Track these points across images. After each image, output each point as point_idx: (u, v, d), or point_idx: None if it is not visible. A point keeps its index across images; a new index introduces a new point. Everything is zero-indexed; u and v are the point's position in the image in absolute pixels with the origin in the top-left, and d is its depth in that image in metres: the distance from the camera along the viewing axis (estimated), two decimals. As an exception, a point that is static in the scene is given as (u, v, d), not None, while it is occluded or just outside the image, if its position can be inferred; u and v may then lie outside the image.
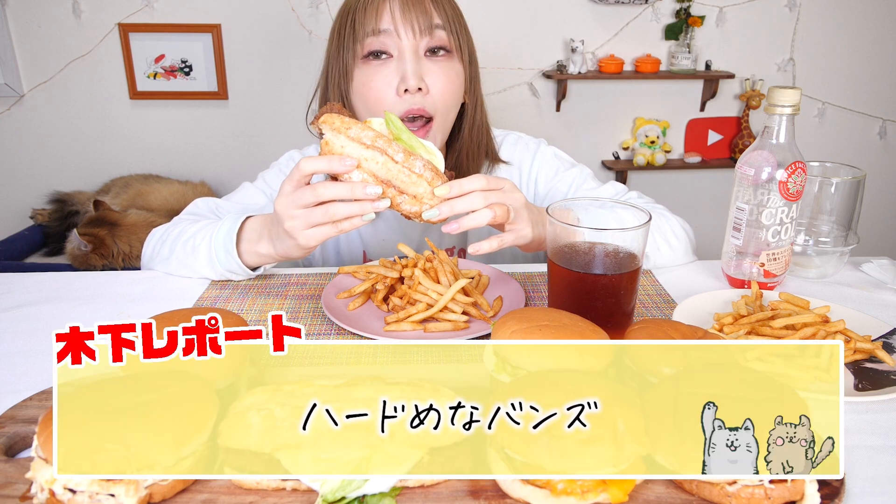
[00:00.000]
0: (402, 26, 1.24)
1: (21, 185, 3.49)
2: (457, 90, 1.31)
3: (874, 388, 0.87)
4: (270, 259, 1.16)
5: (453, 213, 0.99)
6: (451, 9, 1.29)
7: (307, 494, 0.68)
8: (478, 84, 1.40)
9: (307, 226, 1.00)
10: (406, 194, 0.97)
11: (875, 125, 3.83)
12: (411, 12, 1.24)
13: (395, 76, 1.25)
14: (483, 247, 1.03)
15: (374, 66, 1.27)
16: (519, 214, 1.07)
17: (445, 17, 1.27)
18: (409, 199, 0.98)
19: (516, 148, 1.51)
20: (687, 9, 3.48)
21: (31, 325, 1.08)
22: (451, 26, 1.28)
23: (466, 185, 1.00)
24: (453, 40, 1.29)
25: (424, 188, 0.97)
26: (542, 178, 1.49)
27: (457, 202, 0.98)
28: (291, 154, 1.51)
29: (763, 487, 0.63)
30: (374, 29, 1.24)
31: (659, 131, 3.69)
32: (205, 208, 1.40)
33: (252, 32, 3.37)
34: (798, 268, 1.29)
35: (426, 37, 1.25)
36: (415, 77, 1.23)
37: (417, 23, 1.24)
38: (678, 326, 0.86)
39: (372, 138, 0.97)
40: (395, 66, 1.25)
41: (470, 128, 1.40)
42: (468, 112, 1.40)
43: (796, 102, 1.11)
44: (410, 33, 1.24)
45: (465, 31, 1.33)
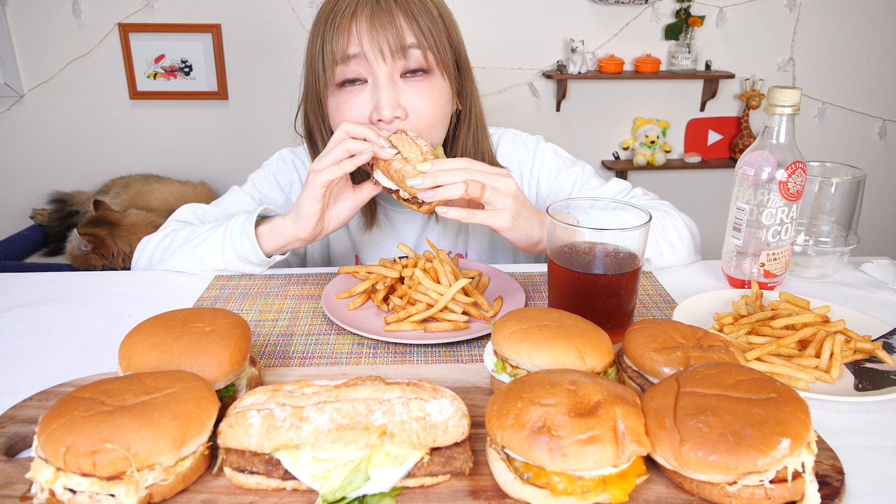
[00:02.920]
0: (372, 49, 1.15)
1: (21, 185, 3.49)
2: (440, 108, 1.23)
3: (874, 388, 0.87)
4: (284, 237, 1.18)
5: (436, 182, 1.04)
6: (426, 19, 1.18)
7: (307, 494, 0.68)
8: (471, 88, 1.33)
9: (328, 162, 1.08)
10: (400, 154, 1.07)
11: (875, 125, 3.84)
12: (379, 32, 1.14)
13: (368, 104, 1.18)
14: (451, 212, 1.06)
15: (347, 93, 1.19)
16: (500, 197, 1.08)
17: (420, 33, 1.17)
18: (401, 160, 1.07)
19: (514, 147, 1.48)
20: (687, 9, 3.48)
21: (31, 325, 1.08)
22: (428, 41, 1.18)
23: (450, 164, 1.06)
24: (432, 56, 1.19)
25: (416, 154, 1.07)
26: (543, 178, 1.47)
27: (440, 173, 1.05)
28: (282, 154, 1.49)
29: (763, 487, 0.63)
30: (343, 56, 1.16)
31: (659, 131, 3.69)
32: (192, 216, 1.37)
33: (252, 32, 3.37)
34: (798, 268, 1.29)
35: (400, 59, 1.16)
36: (389, 107, 1.16)
37: (388, 44, 1.14)
38: (678, 326, 0.86)
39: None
40: (370, 92, 1.18)
41: (465, 136, 1.35)
42: (463, 118, 1.34)
43: (796, 102, 1.11)
44: (380, 57, 1.15)
45: (448, 40, 1.22)
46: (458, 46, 1.27)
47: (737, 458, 0.62)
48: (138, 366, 0.77)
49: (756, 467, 0.62)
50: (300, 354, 1.00)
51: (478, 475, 0.70)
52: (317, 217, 1.13)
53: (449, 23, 1.24)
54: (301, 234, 1.16)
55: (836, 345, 0.91)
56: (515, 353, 0.80)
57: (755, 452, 0.61)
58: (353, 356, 0.99)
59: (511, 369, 0.82)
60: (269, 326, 1.09)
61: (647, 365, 0.80)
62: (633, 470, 0.66)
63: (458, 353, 1.01)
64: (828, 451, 0.73)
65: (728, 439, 0.62)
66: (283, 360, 0.98)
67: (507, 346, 0.81)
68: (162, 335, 0.80)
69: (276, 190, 1.44)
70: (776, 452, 0.61)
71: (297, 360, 0.99)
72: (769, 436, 0.62)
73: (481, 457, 0.72)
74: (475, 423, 0.77)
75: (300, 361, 0.98)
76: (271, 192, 1.43)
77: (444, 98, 1.24)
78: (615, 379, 0.85)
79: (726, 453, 0.62)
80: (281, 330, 1.08)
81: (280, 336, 1.06)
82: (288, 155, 1.48)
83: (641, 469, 0.66)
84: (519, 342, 0.80)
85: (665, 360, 0.78)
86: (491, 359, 0.86)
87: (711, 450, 0.62)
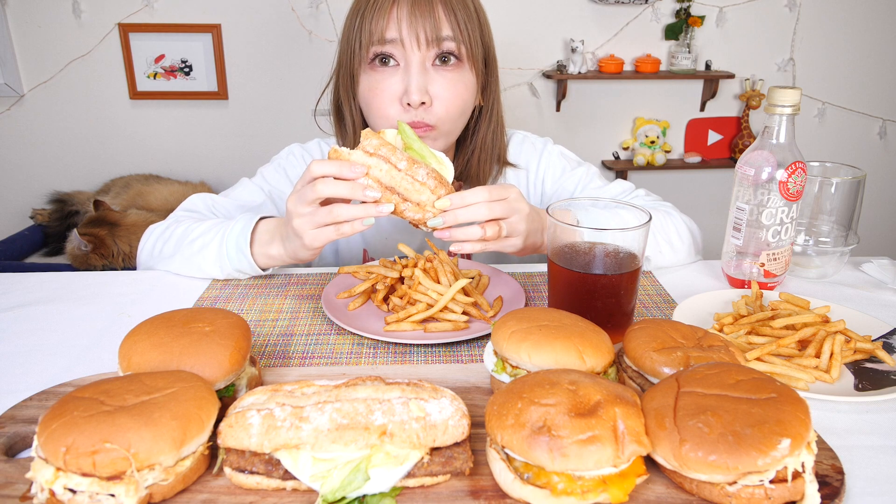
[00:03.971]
0: (409, 36, 1.20)
1: (21, 185, 3.49)
2: (463, 101, 1.28)
3: (874, 388, 0.87)
4: (280, 261, 1.17)
5: (457, 222, 0.99)
6: (463, 13, 1.23)
7: (307, 494, 0.68)
8: (495, 87, 1.37)
9: (313, 225, 1.01)
10: (409, 201, 0.98)
11: (875, 125, 3.83)
12: (418, 20, 1.19)
13: (399, 86, 1.23)
14: (465, 247, 1.02)
15: (379, 74, 1.24)
16: (514, 228, 1.06)
17: (456, 26, 1.22)
18: (413, 206, 0.98)
19: (522, 148, 1.51)
20: (687, 9, 3.48)
21: (31, 325, 1.08)
22: (462, 34, 1.23)
23: (469, 198, 1.00)
24: (464, 49, 1.24)
25: (427, 196, 0.98)
26: (549, 178, 1.49)
27: (460, 212, 0.99)
28: (292, 148, 1.50)
29: (763, 487, 0.63)
30: (381, 38, 1.21)
31: (659, 131, 3.69)
32: (202, 205, 1.40)
33: (252, 32, 3.37)
34: (798, 268, 1.29)
35: (433, 48, 1.22)
36: (418, 92, 1.21)
37: (424, 32, 1.19)
38: (678, 326, 0.86)
39: (375, 146, 0.98)
40: (401, 75, 1.23)
41: (485, 132, 1.38)
42: (483, 115, 1.38)
43: (796, 102, 1.11)
44: (416, 44, 1.20)
45: (481, 36, 1.28)
46: (488, 43, 1.33)
47: (737, 458, 0.62)
48: (138, 366, 0.77)
49: (756, 467, 0.62)
50: (300, 354, 1.00)
51: (478, 475, 0.70)
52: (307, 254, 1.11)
53: (483, 20, 1.31)
54: (296, 261, 1.16)
55: (836, 345, 0.91)
56: (515, 353, 0.80)
57: (755, 452, 0.61)
58: (353, 356, 0.99)
59: (511, 369, 0.82)
60: (269, 326, 1.09)
61: (647, 365, 0.80)
62: (633, 470, 0.66)
63: (458, 353, 1.01)
64: (828, 451, 0.73)
65: (728, 439, 0.62)
66: (283, 360, 0.98)
67: (507, 346, 0.81)
68: (162, 335, 0.80)
69: (285, 183, 1.45)
70: (776, 452, 0.61)
71: (297, 360, 0.99)
72: (769, 436, 0.62)
73: (481, 457, 0.72)
74: (475, 423, 0.77)
75: (300, 361, 0.98)
76: (280, 185, 1.44)
77: (468, 91, 1.28)
78: (615, 379, 0.85)
79: (726, 453, 0.62)
80: (281, 330, 1.08)
81: (280, 336, 1.06)
82: (297, 150, 1.49)
83: (641, 469, 0.66)
84: (519, 342, 0.80)
85: (665, 360, 0.78)
86: (491, 359, 0.86)
87: (711, 450, 0.62)
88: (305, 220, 1.02)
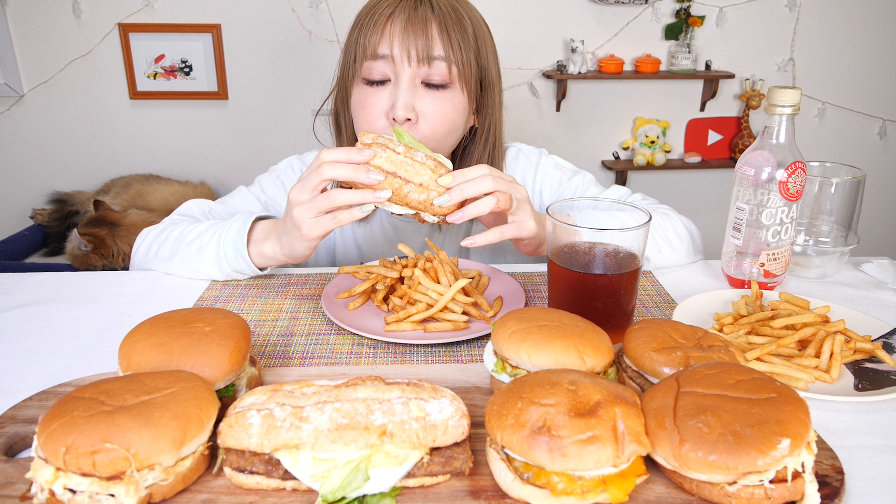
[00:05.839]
0: (400, 52, 1.19)
1: (21, 185, 3.49)
2: (451, 121, 1.26)
3: (874, 388, 0.87)
4: (274, 260, 1.17)
5: (463, 197, 0.99)
6: (458, 34, 1.22)
7: (307, 494, 0.68)
8: (495, 110, 1.35)
9: (312, 213, 1.02)
10: (412, 183, 0.98)
11: (875, 125, 3.83)
12: (411, 37, 1.19)
13: (387, 102, 1.23)
14: (479, 239, 1.02)
15: (370, 90, 1.24)
16: (521, 206, 1.07)
17: (449, 46, 1.21)
18: (416, 187, 0.99)
19: (518, 162, 1.50)
20: (687, 9, 3.48)
21: (31, 325, 1.08)
22: (454, 55, 1.22)
23: (471, 173, 1.01)
24: (456, 70, 1.23)
25: (429, 175, 0.99)
26: (546, 191, 1.48)
27: (466, 186, 0.99)
28: (290, 161, 1.50)
29: (763, 487, 0.63)
30: (373, 53, 1.21)
31: (659, 131, 3.69)
32: (198, 211, 1.39)
33: (252, 32, 3.37)
34: (798, 268, 1.29)
35: (424, 66, 1.21)
36: (404, 108, 1.20)
37: (416, 49, 1.19)
38: (678, 326, 0.86)
39: (373, 138, 1.01)
40: (390, 91, 1.23)
41: (480, 153, 1.37)
42: (479, 137, 1.37)
43: (796, 102, 1.11)
44: (406, 60, 1.20)
45: (476, 58, 1.26)
46: (485, 65, 1.30)
47: (737, 457, 0.62)
48: (138, 366, 0.77)
49: (756, 467, 0.62)
50: (300, 354, 1.00)
51: (478, 475, 0.70)
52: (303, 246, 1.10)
53: (482, 42, 1.28)
54: (291, 261, 1.16)
55: (835, 345, 0.91)
56: (515, 353, 0.80)
57: (755, 452, 0.61)
58: (353, 356, 0.99)
59: (511, 369, 0.82)
60: (269, 326, 1.09)
61: (647, 365, 0.80)
62: (633, 470, 0.66)
63: (457, 353, 1.01)
64: (828, 451, 0.73)
65: (728, 439, 0.62)
66: (283, 360, 0.98)
67: (506, 346, 0.81)
68: (162, 335, 0.80)
69: (282, 195, 1.45)
70: (776, 452, 0.61)
71: (297, 360, 0.99)
72: (769, 436, 0.62)
73: (481, 457, 0.72)
74: (475, 423, 0.77)
75: (300, 361, 0.98)
76: (277, 197, 1.45)
77: (456, 111, 1.26)
78: (615, 379, 0.85)
79: (726, 453, 0.62)
80: (281, 330, 1.08)
81: (280, 336, 1.06)
82: (297, 163, 1.50)
83: (641, 469, 0.66)
84: (519, 342, 0.80)
85: (665, 360, 0.78)
86: (491, 359, 0.86)
87: (711, 450, 0.63)
88: (305, 207, 1.02)
